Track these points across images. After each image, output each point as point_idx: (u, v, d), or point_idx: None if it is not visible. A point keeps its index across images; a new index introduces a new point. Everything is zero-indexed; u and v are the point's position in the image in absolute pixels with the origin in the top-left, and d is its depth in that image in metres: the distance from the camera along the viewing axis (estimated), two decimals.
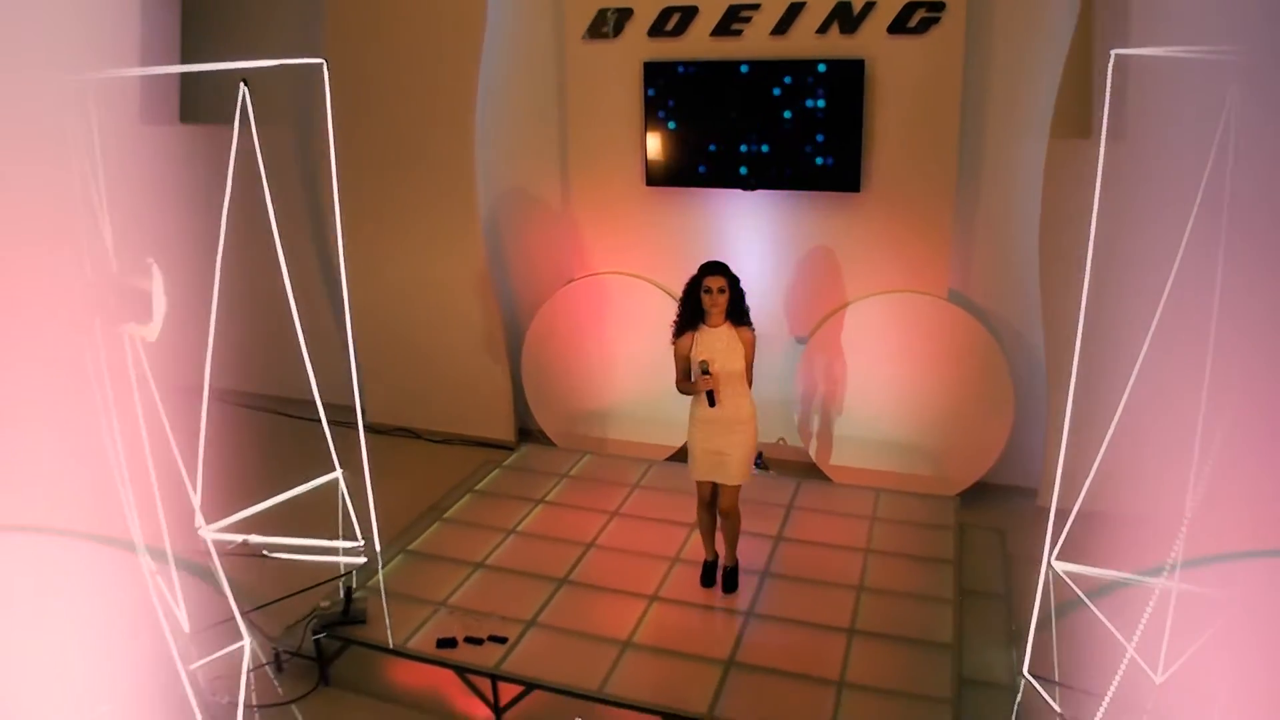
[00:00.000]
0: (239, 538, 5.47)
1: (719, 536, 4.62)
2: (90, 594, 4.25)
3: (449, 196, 6.36)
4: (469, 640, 4.20)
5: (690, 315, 4.33)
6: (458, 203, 6.35)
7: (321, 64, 4.68)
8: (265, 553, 5.37)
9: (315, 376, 5.57)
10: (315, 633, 4.32)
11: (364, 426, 5.30)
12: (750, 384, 4.42)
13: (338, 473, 5.83)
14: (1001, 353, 5.56)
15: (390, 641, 4.22)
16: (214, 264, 4.87)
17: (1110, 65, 3.83)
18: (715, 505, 4.54)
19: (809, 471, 5.97)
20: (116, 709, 3.82)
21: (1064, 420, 4.14)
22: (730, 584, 4.56)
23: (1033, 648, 4.13)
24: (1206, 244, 3.84)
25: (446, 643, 4.19)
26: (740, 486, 4.43)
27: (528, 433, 6.84)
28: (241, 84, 4.93)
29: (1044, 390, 5.55)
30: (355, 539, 5.30)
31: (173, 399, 4.81)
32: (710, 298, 4.24)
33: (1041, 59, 5.22)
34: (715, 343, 4.28)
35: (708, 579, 4.63)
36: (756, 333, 4.41)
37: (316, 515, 5.46)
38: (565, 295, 6.37)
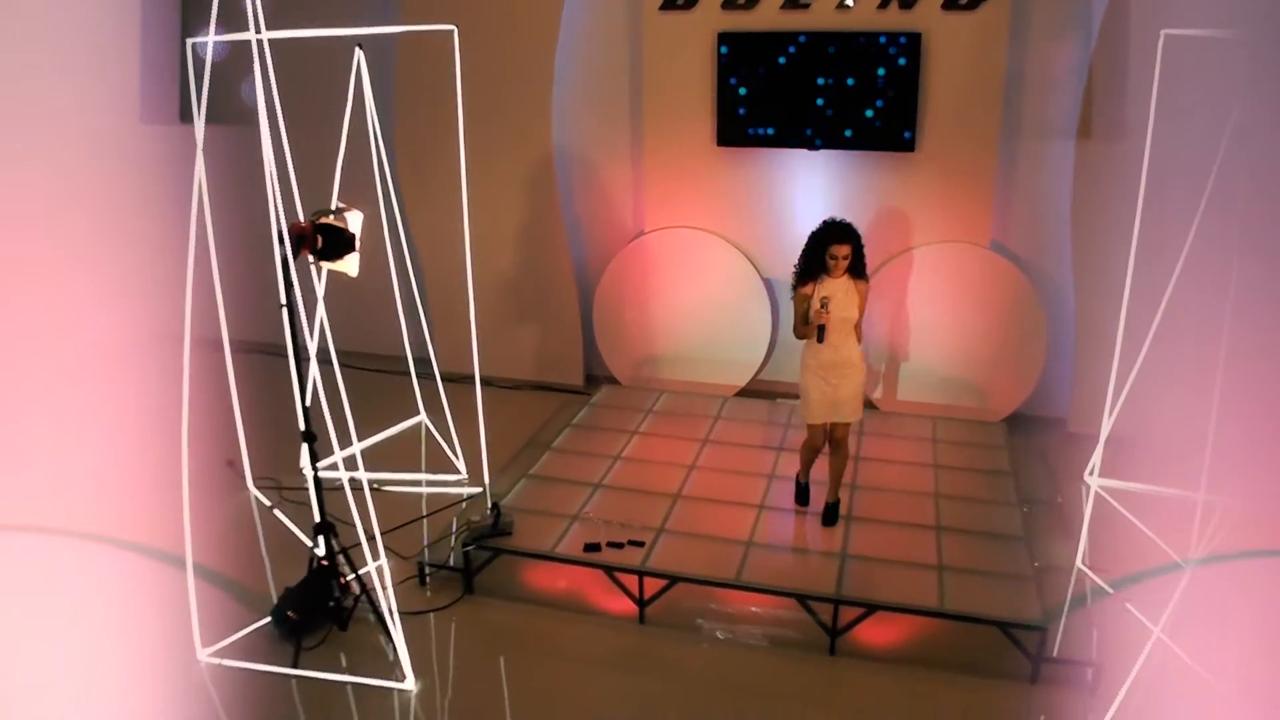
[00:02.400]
0: (344, 475, 5.98)
1: (820, 471, 5.13)
2: (103, 595, 4.61)
3: (526, 157, 6.87)
4: (611, 545, 4.80)
5: (811, 267, 4.70)
6: (534, 163, 6.87)
7: (453, 30, 5.13)
8: (375, 486, 5.89)
9: (381, 330, 6.12)
10: (466, 545, 4.88)
11: (438, 375, 5.95)
12: (861, 333, 4.86)
13: (422, 416, 6.43)
14: (1037, 297, 6.28)
15: (547, 547, 4.81)
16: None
17: (1160, 44, 4.47)
18: (822, 448, 5.04)
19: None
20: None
21: (1114, 359, 4.84)
22: (831, 518, 5.01)
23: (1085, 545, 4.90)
24: (1223, 210, 4.49)
25: (592, 547, 4.80)
26: (852, 424, 4.94)
27: (594, 378, 7.42)
28: (357, 48, 5.39)
29: (1073, 331, 6.29)
30: (458, 473, 5.86)
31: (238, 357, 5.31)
32: (835, 263, 4.62)
33: (1079, 34, 5.90)
34: (835, 291, 4.68)
35: (802, 498, 5.18)
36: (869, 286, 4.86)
37: (405, 455, 6.09)
38: (637, 247, 6.95)
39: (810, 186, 6.48)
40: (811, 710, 4.14)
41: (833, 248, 4.62)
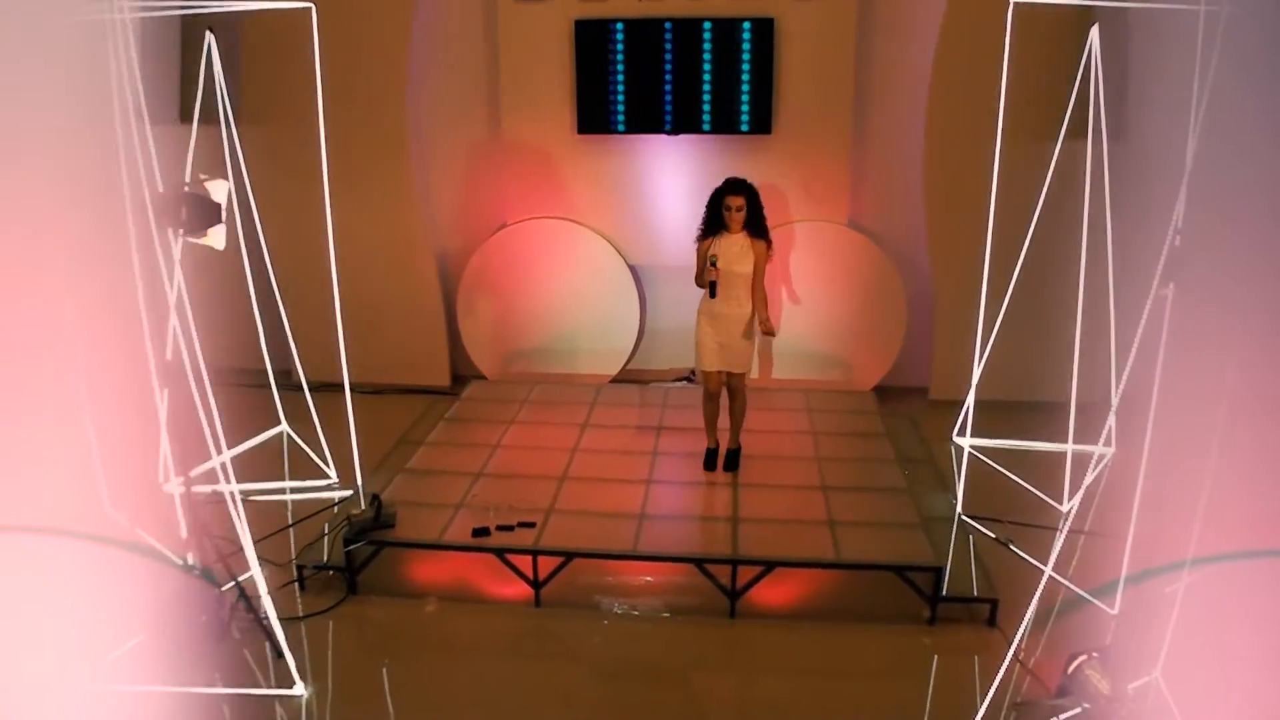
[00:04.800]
0: (207, 488, 5.56)
1: (722, 425, 5.30)
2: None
3: (381, 149, 6.61)
4: (501, 528, 4.62)
5: (712, 223, 5.02)
6: (390, 156, 6.62)
7: (310, 8, 4.90)
8: (245, 496, 5.48)
9: (230, 341, 5.70)
10: (348, 541, 4.59)
11: (292, 385, 5.71)
12: (761, 293, 5.02)
13: (283, 425, 6.08)
14: (895, 271, 6.54)
15: (433, 537, 4.58)
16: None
17: (1010, 14, 4.74)
18: (718, 397, 5.21)
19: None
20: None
21: (977, 333, 5.09)
22: (732, 464, 5.23)
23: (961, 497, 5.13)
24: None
25: (480, 532, 4.60)
26: (746, 373, 5.15)
27: (460, 378, 7.19)
28: (208, 32, 5.10)
29: (929, 305, 6.58)
30: (328, 478, 5.55)
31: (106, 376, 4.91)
32: (729, 214, 4.95)
33: (923, 20, 6.20)
34: (730, 248, 4.96)
35: (710, 463, 5.25)
36: (773, 248, 5.09)
37: (270, 467, 5.73)
38: (499, 240, 6.82)
39: (672, 171, 6.55)
40: (715, 676, 4.11)
41: (727, 199, 4.97)
